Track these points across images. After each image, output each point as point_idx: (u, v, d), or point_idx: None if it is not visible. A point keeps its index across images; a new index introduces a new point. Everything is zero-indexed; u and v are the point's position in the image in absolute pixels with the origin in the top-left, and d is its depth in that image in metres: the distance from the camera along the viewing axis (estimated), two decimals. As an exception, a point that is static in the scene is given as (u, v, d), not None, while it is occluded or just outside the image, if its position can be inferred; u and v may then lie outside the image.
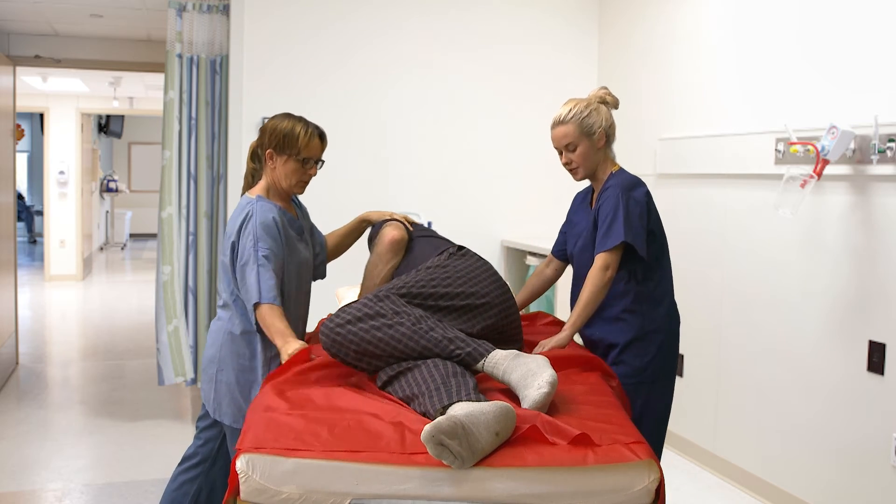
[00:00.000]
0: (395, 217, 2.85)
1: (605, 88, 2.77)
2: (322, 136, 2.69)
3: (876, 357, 3.18)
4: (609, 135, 2.73)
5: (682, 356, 4.29)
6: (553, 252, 2.97)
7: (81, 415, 5.03)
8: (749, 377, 3.84)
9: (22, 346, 6.83)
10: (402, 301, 2.25)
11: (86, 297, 9.67)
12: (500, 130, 5.01)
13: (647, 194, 2.67)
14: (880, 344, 3.16)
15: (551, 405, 2.04)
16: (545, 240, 4.79)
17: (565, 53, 5.09)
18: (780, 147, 3.58)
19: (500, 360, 2.11)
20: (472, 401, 1.90)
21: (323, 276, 2.96)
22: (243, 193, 2.78)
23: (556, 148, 2.73)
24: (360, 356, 2.18)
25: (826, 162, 3.21)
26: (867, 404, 3.23)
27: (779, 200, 3.41)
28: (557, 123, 2.71)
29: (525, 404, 1.99)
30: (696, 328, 4.13)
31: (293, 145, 2.63)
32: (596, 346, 2.72)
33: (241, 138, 4.56)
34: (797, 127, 3.49)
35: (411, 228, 2.81)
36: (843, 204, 3.32)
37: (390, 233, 2.68)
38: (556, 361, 2.32)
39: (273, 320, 2.47)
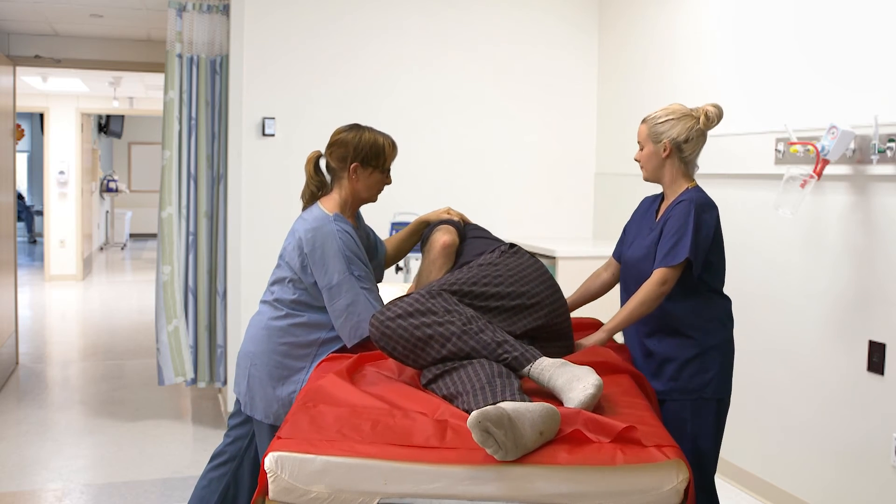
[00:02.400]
0: (452, 214, 2.87)
1: (714, 105, 2.63)
2: (396, 145, 2.73)
3: (876, 357, 3.18)
4: (681, 149, 2.61)
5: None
6: (614, 254, 2.89)
7: (81, 415, 5.03)
8: (749, 377, 3.84)
9: (22, 346, 6.83)
10: (453, 299, 2.25)
11: (86, 297, 9.67)
12: (500, 130, 5.01)
13: (718, 218, 2.61)
14: (880, 344, 3.16)
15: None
16: (546, 240, 4.79)
17: (565, 53, 5.09)
18: (780, 147, 3.58)
19: (547, 367, 2.11)
20: (517, 401, 1.90)
21: (381, 279, 2.95)
22: (307, 205, 2.73)
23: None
24: (408, 351, 2.18)
25: (826, 162, 3.21)
26: (867, 404, 3.23)
27: (779, 200, 3.41)
28: (641, 121, 2.70)
29: (569, 405, 1.99)
30: (696, 328, 4.13)
31: (380, 157, 2.66)
32: (651, 357, 2.66)
33: (241, 138, 4.56)
34: (797, 127, 3.49)
35: (464, 225, 2.82)
36: (843, 204, 3.32)
37: (441, 238, 2.68)
38: (591, 364, 2.32)
39: None
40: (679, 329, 2.60)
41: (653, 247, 2.60)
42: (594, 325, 2.97)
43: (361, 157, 2.64)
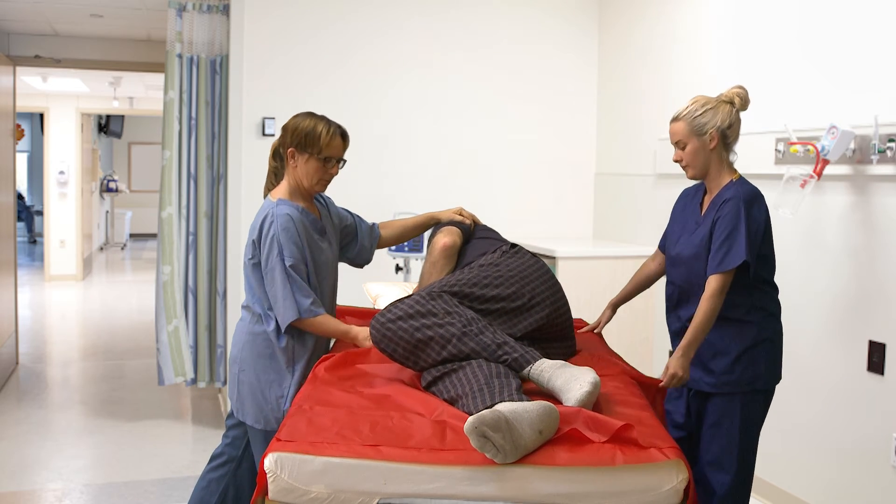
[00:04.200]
0: (463, 215, 2.88)
1: (740, 87, 2.61)
2: (344, 135, 2.71)
3: (876, 357, 3.18)
4: (726, 136, 2.59)
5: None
6: (660, 246, 2.89)
7: (81, 415, 5.03)
8: (749, 377, 3.84)
9: (22, 346, 6.83)
10: (454, 301, 2.25)
11: (86, 297, 9.67)
12: (500, 130, 5.01)
13: (767, 210, 2.57)
14: (880, 344, 3.16)
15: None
16: (545, 240, 4.79)
17: (565, 53, 5.09)
18: (780, 147, 3.58)
19: (547, 368, 2.11)
20: (515, 401, 1.90)
21: (368, 260, 2.99)
22: (266, 193, 2.77)
23: (672, 143, 2.66)
24: (408, 353, 2.18)
25: (826, 162, 3.21)
26: (867, 404, 3.23)
27: (779, 200, 3.41)
28: (672, 120, 2.63)
29: (567, 404, 1.99)
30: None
31: (315, 144, 2.63)
32: (701, 351, 2.58)
33: (241, 138, 4.56)
34: (797, 127, 3.49)
35: (474, 226, 2.83)
36: (843, 204, 3.32)
37: (441, 240, 2.69)
38: (591, 366, 2.31)
39: (327, 326, 2.57)
40: (736, 321, 2.56)
41: (703, 245, 2.56)
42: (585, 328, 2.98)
43: (296, 143, 2.65)
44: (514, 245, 2.61)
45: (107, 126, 13.36)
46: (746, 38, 3.88)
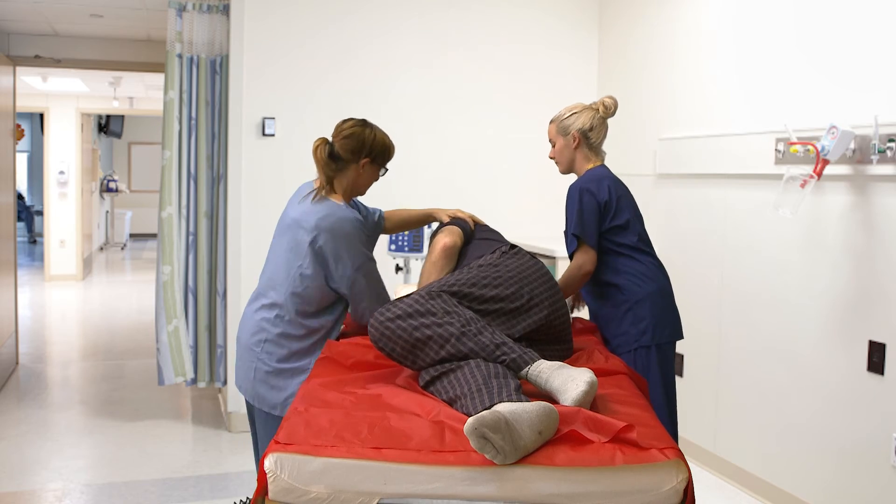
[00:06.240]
0: (461, 215, 2.92)
1: (609, 97, 2.97)
2: None
3: (876, 357, 3.18)
4: (587, 137, 2.94)
5: (682, 356, 4.29)
6: None
7: (81, 415, 5.03)
8: (749, 377, 3.84)
9: (22, 346, 6.83)
10: (453, 301, 2.25)
11: (86, 297, 9.67)
12: (500, 130, 5.01)
13: (608, 191, 2.86)
14: (880, 344, 3.16)
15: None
16: (545, 240, 4.79)
17: (565, 53, 5.09)
18: (780, 147, 3.58)
19: (545, 369, 2.11)
20: (514, 401, 1.90)
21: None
22: (318, 194, 2.72)
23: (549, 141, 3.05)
24: (406, 352, 2.18)
25: (826, 162, 3.21)
26: (867, 404, 3.23)
27: (779, 200, 3.42)
28: (549, 122, 3.01)
29: (565, 403, 1.99)
30: (696, 328, 4.13)
31: (388, 156, 2.80)
32: (596, 318, 2.97)
33: (241, 138, 4.56)
34: (797, 127, 3.49)
35: (473, 228, 2.87)
36: (843, 204, 3.32)
37: (442, 240, 2.72)
38: (589, 367, 2.32)
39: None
40: (608, 289, 2.88)
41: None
42: (592, 328, 2.98)
43: (375, 155, 2.75)
44: (513, 246, 2.62)
45: (107, 126, 13.37)
46: (746, 38, 3.88)
